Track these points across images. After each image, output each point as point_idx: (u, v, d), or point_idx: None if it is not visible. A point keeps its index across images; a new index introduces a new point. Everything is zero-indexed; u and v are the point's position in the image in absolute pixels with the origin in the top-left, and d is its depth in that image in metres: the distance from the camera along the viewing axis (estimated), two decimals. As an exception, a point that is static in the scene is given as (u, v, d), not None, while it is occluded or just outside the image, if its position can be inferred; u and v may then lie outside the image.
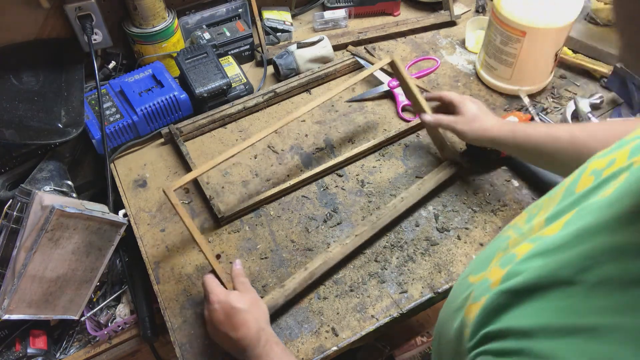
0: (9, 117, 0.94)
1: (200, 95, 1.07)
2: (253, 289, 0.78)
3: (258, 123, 1.13)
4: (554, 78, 1.17)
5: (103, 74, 1.16)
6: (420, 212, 0.95)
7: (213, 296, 0.73)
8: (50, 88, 1.03)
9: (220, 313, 0.72)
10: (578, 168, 0.49)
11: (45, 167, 0.96)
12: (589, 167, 0.47)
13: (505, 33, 1.04)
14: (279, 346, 0.71)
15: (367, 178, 1.01)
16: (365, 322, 0.82)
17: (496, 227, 0.92)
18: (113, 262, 0.97)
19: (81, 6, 1.03)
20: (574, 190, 0.46)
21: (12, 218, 0.78)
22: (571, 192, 0.46)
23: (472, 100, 0.92)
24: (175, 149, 1.08)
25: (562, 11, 0.99)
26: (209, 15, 1.23)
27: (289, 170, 1.04)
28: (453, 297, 0.55)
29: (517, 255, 0.42)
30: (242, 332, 0.70)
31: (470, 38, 1.28)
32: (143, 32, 1.12)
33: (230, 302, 0.72)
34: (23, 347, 0.90)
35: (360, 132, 1.09)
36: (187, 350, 0.80)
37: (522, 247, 0.43)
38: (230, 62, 1.19)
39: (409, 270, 0.87)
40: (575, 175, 0.48)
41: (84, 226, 0.82)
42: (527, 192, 0.97)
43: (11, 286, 0.78)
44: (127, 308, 0.95)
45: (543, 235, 0.43)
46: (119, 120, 1.04)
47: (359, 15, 1.38)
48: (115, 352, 0.94)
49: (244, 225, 0.95)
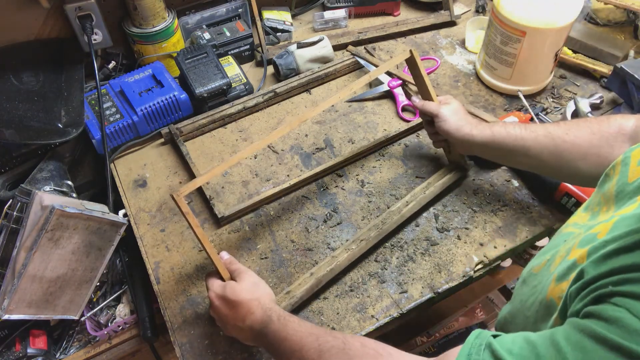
0: (9, 117, 0.94)
1: (200, 95, 1.07)
2: (250, 272, 0.75)
3: (258, 123, 1.13)
4: (554, 78, 1.17)
5: (103, 74, 1.16)
6: (420, 212, 0.95)
7: (211, 293, 0.73)
8: (50, 88, 1.03)
9: (223, 308, 0.72)
10: (612, 164, 0.57)
11: (45, 167, 0.96)
12: (632, 156, 0.54)
13: (505, 33, 1.04)
14: (293, 317, 0.69)
15: (367, 178, 1.01)
16: (365, 322, 0.82)
17: (496, 227, 0.92)
18: (113, 262, 0.97)
19: (81, 6, 1.03)
20: (627, 181, 0.53)
21: (12, 218, 0.78)
22: (625, 184, 0.53)
23: (447, 100, 0.91)
24: (175, 149, 1.08)
25: (562, 11, 0.99)
26: (209, 15, 1.23)
27: (289, 170, 1.04)
28: (519, 291, 0.64)
29: (599, 232, 0.47)
30: (250, 320, 0.69)
31: (470, 38, 1.28)
32: (143, 32, 1.12)
33: (227, 295, 0.71)
34: (23, 347, 0.90)
35: (360, 132, 1.09)
36: (187, 350, 0.80)
37: (597, 228, 0.49)
38: (230, 62, 1.19)
39: (409, 270, 0.87)
40: (617, 170, 0.56)
41: (84, 226, 0.82)
42: (527, 192, 0.97)
43: (11, 286, 0.78)
44: (127, 308, 0.95)
45: (617, 215, 0.48)
46: (119, 120, 1.04)
47: (359, 15, 1.38)
48: (115, 352, 0.94)
49: (244, 225, 0.95)
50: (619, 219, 0.46)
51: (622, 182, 0.53)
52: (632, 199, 0.50)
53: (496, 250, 0.89)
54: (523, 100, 1.10)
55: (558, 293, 0.48)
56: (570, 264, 0.47)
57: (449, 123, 0.87)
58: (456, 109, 0.89)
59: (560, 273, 0.49)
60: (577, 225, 0.60)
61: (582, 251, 0.47)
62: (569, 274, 0.47)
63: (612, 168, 0.57)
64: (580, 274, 0.44)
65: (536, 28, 0.99)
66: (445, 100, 0.92)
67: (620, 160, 0.56)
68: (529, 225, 0.92)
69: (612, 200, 0.55)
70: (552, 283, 0.50)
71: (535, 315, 0.55)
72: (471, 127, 0.85)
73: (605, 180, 0.58)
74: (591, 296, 0.42)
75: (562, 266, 0.49)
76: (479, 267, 0.87)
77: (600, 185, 0.60)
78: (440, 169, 0.99)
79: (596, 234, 0.47)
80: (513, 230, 0.91)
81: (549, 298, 0.50)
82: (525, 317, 0.59)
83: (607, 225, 0.47)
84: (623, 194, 0.53)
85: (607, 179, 0.58)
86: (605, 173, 0.59)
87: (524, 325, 0.59)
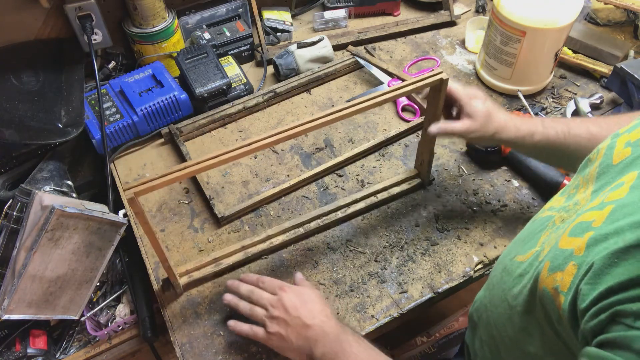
0: (9, 117, 0.94)
1: (200, 95, 1.07)
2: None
3: (258, 123, 1.13)
4: (554, 78, 1.17)
5: (103, 74, 1.16)
6: (420, 212, 0.95)
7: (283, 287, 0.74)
8: (50, 88, 1.03)
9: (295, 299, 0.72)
10: (596, 149, 0.56)
11: (45, 167, 0.96)
12: (618, 142, 0.53)
13: (505, 33, 1.04)
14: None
15: (367, 178, 1.01)
16: (365, 322, 0.82)
17: (496, 227, 0.92)
18: (113, 262, 0.97)
19: (81, 6, 1.03)
20: (611, 163, 0.52)
21: (12, 218, 0.78)
22: (609, 166, 0.52)
23: (476, 95, 0.78)
24: (175, 149, 1.08)
25: (562, 11, 0.99)
26: (209, 15, 1.23)
27: (289, 170, 1.03)
28: (500, 279, 0.62)
29: (594, 221, 0.46)
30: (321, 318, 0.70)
31: (470, 38, 1.28)
32: (143, 32, 1.12)
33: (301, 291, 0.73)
34: (23, 347, 0.90)
35: (360, 132, 1.09)
36: (187, 350, 0.80)
37: (589, 215, 0.47)
38: (230, 62, 1.19)
39: (409, 270, 0.87)
40: (601, 153, 0.54)
41: (84, 226, 0.82)
42: (527, 192, 0.97)
43: (11, 286, 0.78)
44: (127, 308, 0.95)
45: (608, 201, 0.46)
46: (119, 120, 1.04)
47: (359, 15, 1.38)
48: (115, 352, 0.94)
49: (244, 225, 0.95)
50: (616, 207, 0.45)
51: (606, 164, 0.53)
52: (615, 178, 0.49)
53: (496, 250, 0.89)
54: (523, 100, 1.10)
55: (552, 283, 0.47)
56: (567, 254, 0.46)
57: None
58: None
59: (554, 263, 0.48)
60: (553, 209, 0.59)
61: (579, 241, 0.45)
62: (565, 264, 0.46)
63: (596, 152, 0.56)
64: (589, 269, 0.43)
65: (536, 28, 1.00)
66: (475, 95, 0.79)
67: (605, 145, 0.55)
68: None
69: (592, 180, 0.54)
70: (543, 271, 0.49)
71: (524, 305, 0.54)
72: (507, 116, 0.77)
73: (587, 165, 0.57)
74: (606, 314, 0.40)
75: (554, 255, 0.48)
76: (479, 267, 0.87)
77: (580, 169, 0.59)
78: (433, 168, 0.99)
79: (590, 222, 0.46)
80: (513, 230, 0.91)
81: (542, 287, 0.49)
82: (509, 306, 0.58)
83: (603, 213, 0.45)
84: (605, 174, 0.52)
85: (589, 163, 0.57)
86: (588, 158, 0.58)
87: (508, 315, 0.58)
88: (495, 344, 0.65)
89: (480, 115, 0.76)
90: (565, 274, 0.46)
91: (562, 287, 0.46)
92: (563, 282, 0.46)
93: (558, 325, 0.48)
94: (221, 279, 0.88)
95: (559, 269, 0.47)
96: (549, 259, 0.49)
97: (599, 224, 0.45)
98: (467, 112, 0.77)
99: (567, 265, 0.45)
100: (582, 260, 0.44)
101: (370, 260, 0.89)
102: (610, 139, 0.55)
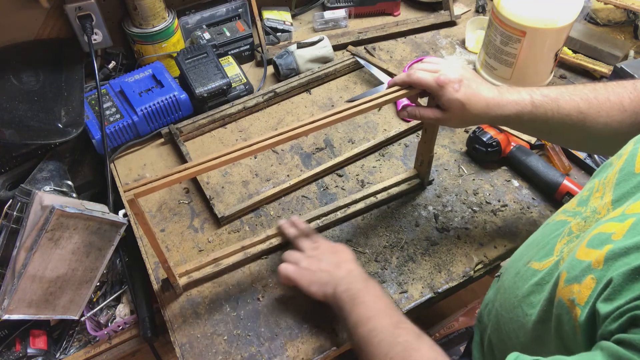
0: (9, 117, 0.94)
1: (200, 95, 1.07)
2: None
3: (258, 123, 1.13)
4: (554, 78, 1.17)
5: (103, 74, 1.16)
6: (420, 212, 0.95)
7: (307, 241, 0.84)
8: (50, 88, 1.03)
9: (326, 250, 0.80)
10: (618, 152, 0.55)
11: (45, 167, 0.96)
12: None
13: (505, 33, 1.04)
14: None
15: (367, 178, 1.01)
16: (365, 322, 0.82)
17: (496, 227, 0.92)
18: (113, 262, 0.97)
19: (81, 6, 1.03)
20: (633, 171, 0.50)
21: (12, 218, 0.78)
22: (630, 174, 0.51)
23: (448, 79, 0.70)
24: (175, 149, 1.08)
25: (562, 11, 0.99)
26: (209, 15, 1.23)
27: (289, 170, 1.03)
28: (512, 284, 0.62)
29: (614, 233, 0.45)
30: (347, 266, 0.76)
31: (470, 38, 1.28)
32: (143, 32, 1.12)
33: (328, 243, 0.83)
34: (23, 347, 0.90)
35: (360, 132, 1.09)
36: (187, 350, 0.80)
37: (609, 226, 0.46)
38: (230, 62, 1.19)
39: (409, 270, 0.87)
40: (623, 159, 0.53)
41: (84, 226, 0.82)
42: (527, 192, 0.97)
43: (11, 286, 0.78)
44: (127, 308, 0.95)
45: (629, 213, 0.46)
46: (119, 120, 1.04)
47: (359, 15, 1.38)
48: (115, 352, 0.94)
49: (244, 225, 0.95)
50: (638, 220, 0.43)
51: (627, 172, 0.51)
52: (638, 189, 0.48)
53: (496, 250, 0.89)
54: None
55: (568, 294, 0.46)
56: (584, 266, 0.46)
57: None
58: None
59: (571, 274, 0.47)
60: (567, 212, 0.59)
61: (597, 253, 0.45)
62: (582, 276, 0.45)
63: (617, 157, 0.55)
64: (608, 284, 0.42)
65: (536, 28, 0.99)
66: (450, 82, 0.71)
67: (627, 150, 0.54)
68: (529, 225, 0.92)
69: (610, 186, 0.52)
70: (561, 282, 0.48)
71: (540, 314, 0.54)
72: (495, 91, 0.71)
73: (605, 168, 0.56)
74: (626, 317, 0.40)
75: (571, 265, 0.48)
76: (479, 267, 0.87)
77: (598, 172, 0.58)
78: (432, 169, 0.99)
79: (610, 233, 0.45)
80: (513, 230, 0.91)
81: (558, 298, 0.48)
82: (525, 314, 0.58)
83: (623, 226, 0.44)
84: (626, 183, 0.51)
85: (609, 166, 0.56)
86: (609, 162, 0.57)
87: (521, 322, 0.58)
88: (506, 348, 0.64)
89: (453, 106, 0.71)
90: (582, 287, 0.45)
91: (578, 300, 0.45)
92: (580, 295, 0.45)
93: (570, 336, 0.47)
94: (221, 279, 0.88)
95: (576, 281, 0.46)
96: (566, 269, 0.48)
97: (619, 237, 0.44)
98: (440, 103, 0.73)
99: (585, 278, 0.45)
100: (601, 274, 0.43)
101: (370, 260, 0.89)
102: (633, 144, 0.54)
